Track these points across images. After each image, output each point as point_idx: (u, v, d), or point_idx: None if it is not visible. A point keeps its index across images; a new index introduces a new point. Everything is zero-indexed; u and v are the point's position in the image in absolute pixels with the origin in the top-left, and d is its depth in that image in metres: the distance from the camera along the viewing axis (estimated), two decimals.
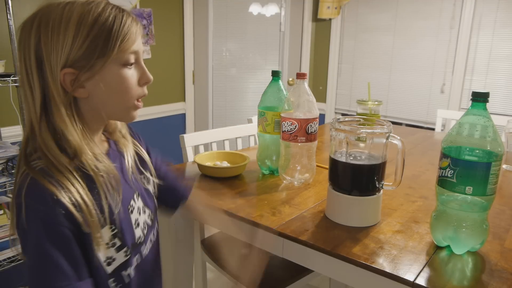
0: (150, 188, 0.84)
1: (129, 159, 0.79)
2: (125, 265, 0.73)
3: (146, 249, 0.79)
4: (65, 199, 0.61)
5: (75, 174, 0.64)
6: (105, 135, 0.79)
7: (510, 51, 2.35)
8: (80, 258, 0.65)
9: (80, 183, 0.64)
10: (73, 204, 0.62)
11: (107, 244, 0.68)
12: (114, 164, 0.73)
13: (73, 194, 0.62)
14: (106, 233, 0.68)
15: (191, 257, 1.24)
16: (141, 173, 0.83)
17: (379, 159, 0.87)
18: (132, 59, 0.68)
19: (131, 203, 0.76)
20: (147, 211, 0.82)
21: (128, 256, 0.73)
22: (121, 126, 0.81)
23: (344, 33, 3.03)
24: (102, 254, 0.68)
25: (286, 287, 1.24)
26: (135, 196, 0.78)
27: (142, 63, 0.71)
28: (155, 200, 0.86)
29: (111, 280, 0.71)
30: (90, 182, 0.66)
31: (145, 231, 0.79)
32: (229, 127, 1.62)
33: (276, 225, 0.88)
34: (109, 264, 0.70)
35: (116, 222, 0.69)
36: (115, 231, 0.69)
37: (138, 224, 0.77)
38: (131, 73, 0.69)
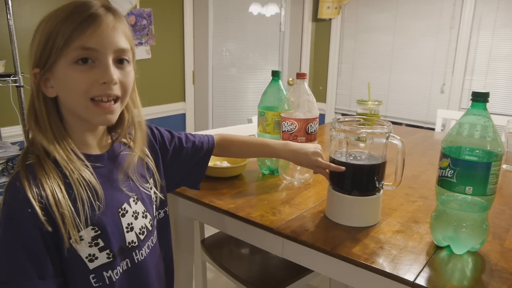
0: (152, 196, 0.83)
1: (130, 162, 0.78)
2: (107, 266, 0.71)
3: (140, 255, 0.78)
4: (33, 197, 0.62)
5: (55, 173, 0.65)
6: (112, 136, 0.79)
7: (510, 51, 2.35)
8: (44, 256, 0.65)
9: (57, 183, 0.65)
10: (42, 202, 0.63)
11: (89, 243, 0.68)
12: (102, 166, 0.73)
13: (46, 191, 0.63)
14: (88, 233, 0.68)
15: (191, 257, 1.24)
16: (144, 180, 0.82)
17: (379, 159, 0.87)
18: (79, 55, 0.65)
19: (123, 207, 0.75)
20: (149, 216, 0.81)
21: (111, 259, 0.72)
22: (128, 127, 0.80)
23: (344, 33, 3.03)
24: (83, 251, 0.68)
25: (286, 287, 1.24)
26: (131, 200, 0.77)
27: (107, 60, 0.66)
28: (154, 208, 0.85)
29: (92, 276, 0.70)
30: (68, 183, 0.67)
31: (142, 237, 0.78)
32: (229, 127, 1.62)
33: (276, 225, 0.88)
34: (91, 260, 0.69)
35: (98, 224, 0.69)
36: (98, 232, 0.69)
37: (132, 229, 0.76)
38: (83, 71, 0.65)
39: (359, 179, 0.88)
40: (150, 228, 0.81)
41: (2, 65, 1.72)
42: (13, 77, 1.64)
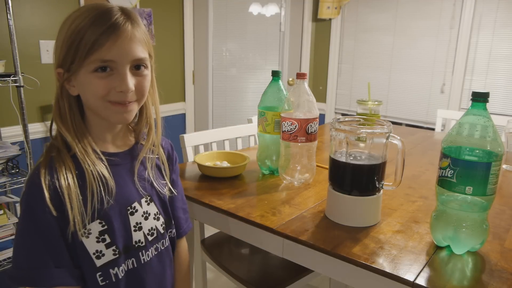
0: (167, 193, 0.85)
1: (146, 162, 0.81)
2: (113, 263, 0.73)
3: (147, 256, 0.78)
4: (45, 184, 0.66)
5: (71, 164, 0.70)
6: (134, 135, 0.83)
7: (510, 51, 2.35)
8: (60, 244, 0.68)
9: (71, 173, 0.69)
10: (52, 188, 0.67)
11: (97, 238, 0.71)
12: (117, 163, 0.76)
13: (60, 180, 0.67)
14: (95, 227, 0.70)
15: (191, 257, 1.24)
16: (161, 175, 0.84)
17: (379, 159, 0.87)
18: (98, 65, 0.68)
19: (133, 205, 0.76)
20: (161, 219, 0.82)
21: (117, 256, 0.73)
22: (146, 128, 0.82)
23: (344, 33, 3.03)
24: (90, 246, 0.70)
25: (286, 287, 1.24)
26: (143, 200, 0.78)
27: (124, 70, 0.69)
28: (169, 211, 0.86)
29: (99, 274, 0.72)
30: (82, 175, 0.70)
31: (151, 238, 0.79)
32: (229, 127, 1.62)
33: (276, 225, 0.88)
34: (98, 257, 0.71)
35: (105, 218, 0.71)
36: (105, 227, 0.71)
37: (140, 228, 0.77)
38: (102, 78, 0.69)
39: (359, 179, 0.88)
40: (162, 231, 0.82)
41: (2, 65, 1.72)
42: (13, 77, 1.64)
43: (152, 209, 0.80)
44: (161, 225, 0.82)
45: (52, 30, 2.10)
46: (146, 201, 0.79)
